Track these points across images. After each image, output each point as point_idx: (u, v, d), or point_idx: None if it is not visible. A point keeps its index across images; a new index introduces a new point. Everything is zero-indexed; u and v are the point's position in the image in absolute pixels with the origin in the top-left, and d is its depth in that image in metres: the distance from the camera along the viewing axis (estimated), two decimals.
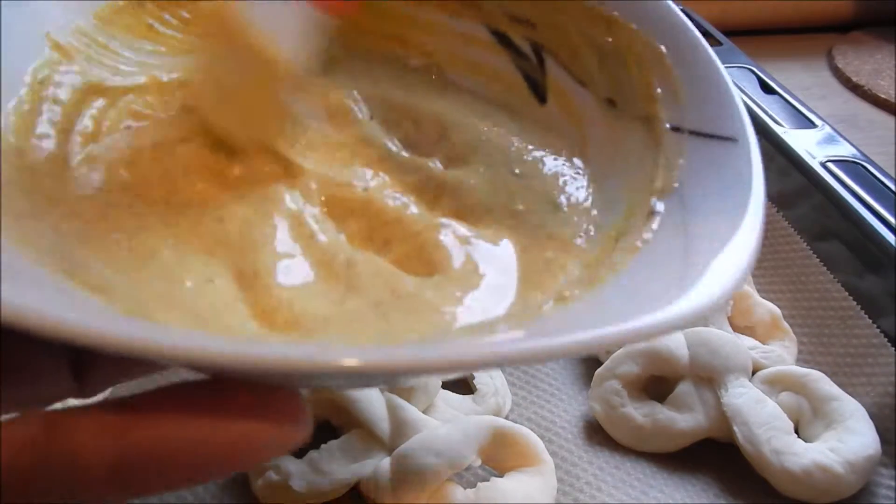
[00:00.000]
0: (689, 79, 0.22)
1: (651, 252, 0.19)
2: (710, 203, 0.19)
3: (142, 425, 0.14)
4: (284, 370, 0.13)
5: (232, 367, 0.13)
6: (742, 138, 0.20)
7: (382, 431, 0.30)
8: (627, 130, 0.23)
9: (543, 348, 0.14)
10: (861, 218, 0.39)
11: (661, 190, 0.21)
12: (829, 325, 0.38)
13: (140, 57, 0.25)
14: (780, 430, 0.31)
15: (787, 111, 0.51)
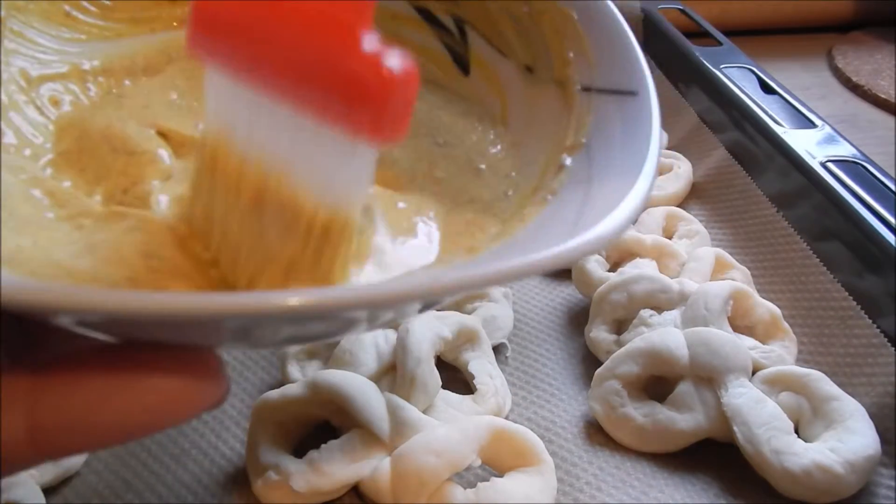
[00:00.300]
0: (598, 40, 0.23)
1: (556, 204, 0.21)
2: (612, 154, 0.21)
3: (56, 390, 0.14)
4: (218, 315, 0.13)
5: (154, 316, 0.13)
6: (642, 90, 0.21)
7: (382, 431, 0.30)
8: (544, 95, 0.25)
9: (402, 287, 0.14)
10: (861, 218, 0.39)
11: (571, 146, 0.22)
12: (829, 325, 0.38)
13: (58, 45, 0.25)
14: (780, 430, 0.31)
15: (787, 111, 0.51)
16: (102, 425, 0.14)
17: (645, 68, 0.22)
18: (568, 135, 0.22)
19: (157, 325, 0.14)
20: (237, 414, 0.35)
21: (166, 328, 0.15)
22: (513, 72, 0.26)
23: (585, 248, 0.16)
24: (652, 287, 0.37)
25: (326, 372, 0.32)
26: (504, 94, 0.26)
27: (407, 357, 0.33)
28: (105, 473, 0.33)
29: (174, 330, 0.15)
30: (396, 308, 0.17)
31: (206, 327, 0.15)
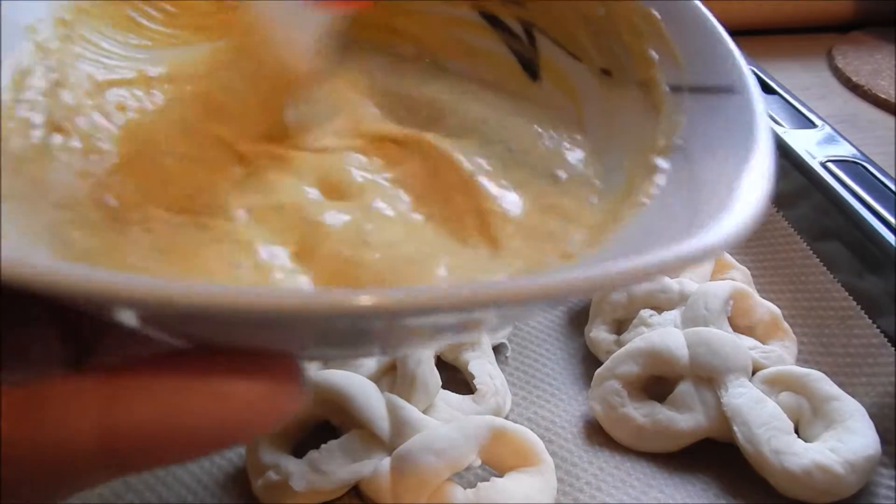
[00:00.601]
0: (684, 37, 0.22)
1: (657, 206, 0.19)
2: (714, 153, 0.19)
3: (130, 393, 0.13)
4: (300, 313, 0.12)
5: (242, 312, 0.12)
6: (741, 86, 0.20)
7: (382, 431, 0.30)
8: (625, 98, 0.23)
9: (545, 284, 0.13)
10: (861, 218, 0.39)
11: (663, 148, 0.21)
12: (829, 325, 0.38)
13: (125, 51, 0.25)
14: (780, 430, 0.31)
15: (787, 111, 0.51)
16: (180, 433, 0.13)
17: (741, 63, 0.21)
18: (658, 137, 0.21)
19: (250, 325, 0.13)
20: None
21: (259, 328, 0.14)
22: (587, 76, 0.25)
23: (721, 244, 0.15)
24: (652, 287, 0.37)
25: (326, 372, 0.32)
26: (578, 100, 0.25)
27: (407, 357, 0.33)
28: None
29: (265, 331, 0.14)
30: (539, 304, 0.16)
31: (303, 328, 0.14)
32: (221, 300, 0.12)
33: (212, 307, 0.12)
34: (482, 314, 0.15)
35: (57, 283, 0.12)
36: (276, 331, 0.14)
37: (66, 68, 0.22)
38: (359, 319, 0.13)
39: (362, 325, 0.14)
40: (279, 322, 0.13)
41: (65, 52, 0.23)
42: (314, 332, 0.15)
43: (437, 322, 0.15)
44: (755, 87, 0.20)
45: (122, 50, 0.25)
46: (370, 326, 0.14)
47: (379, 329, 0.15)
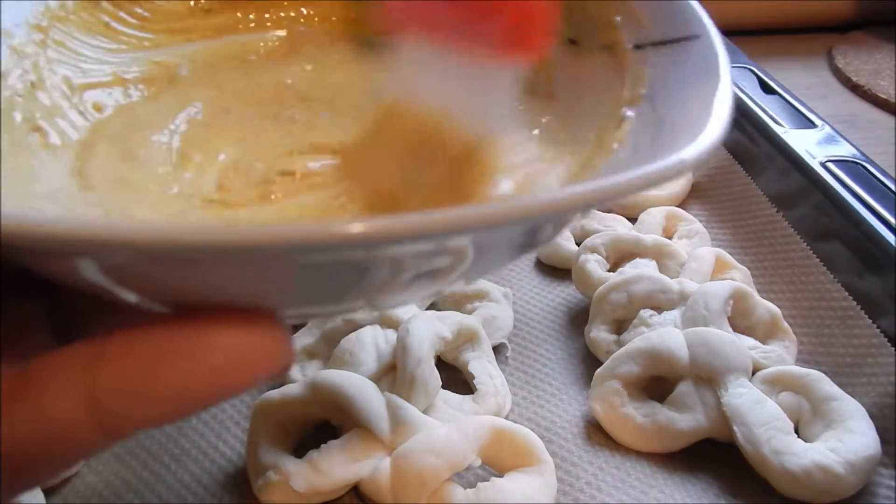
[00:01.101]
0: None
1: (627, 149, 0.20)
2: (678, 94, 0.20)
3: (113, 358, 0.13)
4: (290, 244, 0.12)
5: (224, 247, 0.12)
6: (702, 33, 0.21)
7: (382, 431, 0.30)
8: (591, 62, 0.24)
9: (530, 203, 0.14)
10: (861, 218, 0.39)
11: (630, 99, 0.22)
12: (829, 325, 0.38)
13: (98, 55, 0.25)
14: (780, 430, 0.31)
15: (787, 111, 0.51)
16: (168, 392, 0.13)
17: (701, 12, 0.22)
18: (624, 91, 0.22)
19: (213, 263, 0.13)
20: (237, 414, 0.35)
21: (226, 267, 0.13)
22: (555, 47, 0.26)
23: (678, 166, 0.15)
24: (652, 287, 0.37)
25: (326, 372, 0.32)
26: (548, 70, 0.26)
27: (407, 357, 0.33)
28: (105, 473, 0.33)
29: (235, 272, 0.14)
30: (561, 217, 0.17)
31: (273, 265, 0.14)
32: (182, 234, 0.12)
33: (172, 242, 0.12)
34: (456, 241, 0.14)
35: (21, 229, 0.12)
36: (247, 272, 0.14)
37: (42, 71, 0.23)
38: (325, 249, 0.13)
39: (330, 257, 0.14)
40: (241, 257, 0.13)
41: (40, 56, 0.23)
42: (284, 270, 0.14)
43: (413, 252, 0.14)
44: (715, 33, 0.21)
45: (98, 54, 0.25)
46: (340, 258, 0.14)
47: (352, 265, 0.14)
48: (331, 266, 0.14)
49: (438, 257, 0.15)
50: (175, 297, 0.14)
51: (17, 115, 0.21)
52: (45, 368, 0.13)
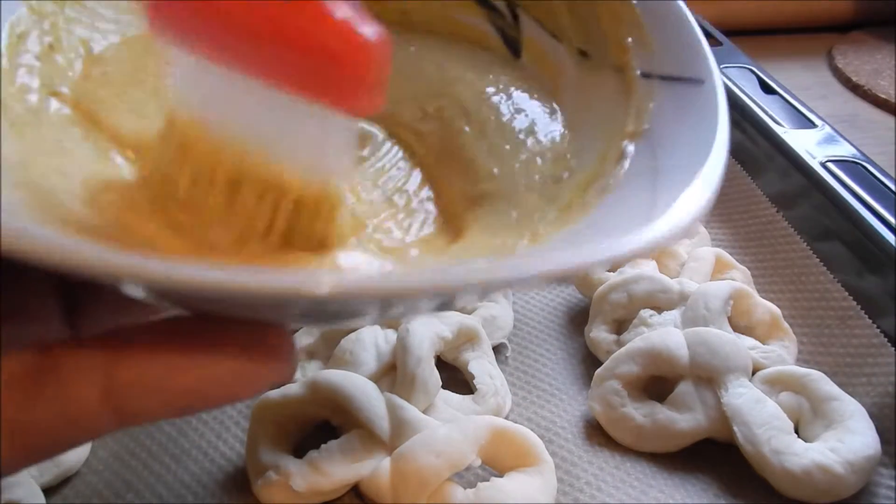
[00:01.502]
0: (658, 26, 0.23)
1: (621, 191, 0.20)
2: (677, 141, 0.20)
3: (130, 356, 0.15)
4: (283, 299, 0.13)
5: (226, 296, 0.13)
6: (708, 79, 0.21)
7: (382, 431, 0.30)
8: (600, 80, 0.24)
9: (508, 272, 0.14)
10: (861, 218, 0.39)
11: (632, 133, 0.22)
12: (829, 325, 0.38)
13: (117, 14, 0.25)
14: (780, 430, 0.31)
15: (787, 111, 0.51)
16: (179, 391, 0.15)
17: (710, 56, 0.22)
18: (628, 121, 0.22)
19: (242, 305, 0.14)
20: (237, 414, 0.35)
21: (250, 308, 0.15)
22: (565, 56, 0.26)
23: (668, 237, 0.16)
24: (652, 287, 0.37)
25: (326, 372, 0.32)
26: (556, 77, 0.26)
27: (407, 357, 0.33)
28: (105, 473, 0.33)
29: (254, 309, 0.15)
30: (513, 286, 0.17)
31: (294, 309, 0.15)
32: (205, 282, 0.13)
33: (201, 288, 0.13)
34: (456, 296, 0.15)
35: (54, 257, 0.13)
36: (259, 308, 0.15)
37: (60, 31, 0.22)
38: (320, 304, 0.14)
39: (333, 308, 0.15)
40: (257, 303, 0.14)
41: (58, 16, 0.23)
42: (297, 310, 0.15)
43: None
44: (720, 81, 0.21)
45: (113, 13, 0.25)
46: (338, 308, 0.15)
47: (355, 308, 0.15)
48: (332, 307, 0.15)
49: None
50: (190, 310, 0.16)
51: (35, 80, 0.21)
52: (71, 356, 0.15)
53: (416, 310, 0.17)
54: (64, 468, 0.32)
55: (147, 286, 0.14)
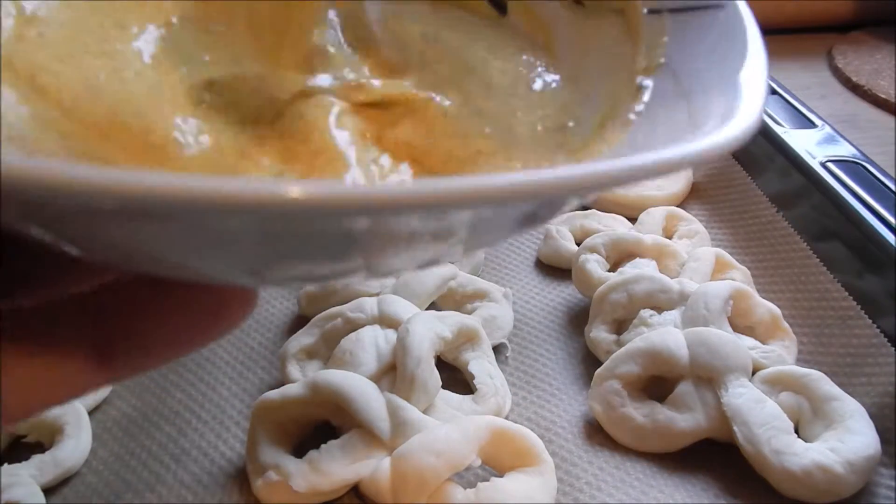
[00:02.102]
0: None
1: (649, 118, 0.19)
2: (705, 64, 0.19)
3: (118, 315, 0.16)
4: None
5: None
6: (728, 2, 0.20)
7: (382, 431, 0.30)
8: (600, 25, 0.23)
9: (514, 180, 0.12)
10: (861, 218, 0.39)
11: (646, 69, 0.21)
12: (829, 325, 0.38)
13: None
14: (780, 430, 0.31)
15: (787, 111, 0.51)
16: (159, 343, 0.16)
17: None
18: (639, 59, 0.21)
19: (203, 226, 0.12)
20: (237, 414, 0.35)
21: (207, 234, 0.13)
22: (556, 7, 0.24)
23: (736, 138, 0.14)
24: (652, 287, 0.37)
25: (326, 372, 0.32)
26: (549, 30, 0.25)
27: (407, 357, 0.33)
28: (105, 473, 0.33)
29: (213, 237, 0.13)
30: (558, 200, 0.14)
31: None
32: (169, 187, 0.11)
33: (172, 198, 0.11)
34: (456, 215, 0.13)
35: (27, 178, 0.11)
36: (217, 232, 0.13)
37: None
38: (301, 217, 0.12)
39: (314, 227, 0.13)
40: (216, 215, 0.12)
41: None
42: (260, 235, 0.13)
43: (408, 226, 0.13)
44: (743, 3, 0.19)
45: None
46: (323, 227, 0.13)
47: (342, 232, 0.13)
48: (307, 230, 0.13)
49: (433, 229, 0.14)
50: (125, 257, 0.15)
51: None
52: (58, 313, 0.15)
53: (408, 242, 0.15)
54: (64, 468, 0.32)
55: (124, 200, 0.11)
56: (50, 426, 0.33)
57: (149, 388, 0.37)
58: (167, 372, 0.38)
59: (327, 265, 0.15)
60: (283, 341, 0.37)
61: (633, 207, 0.47)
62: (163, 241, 0.13)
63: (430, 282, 0.38)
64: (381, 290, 0.38)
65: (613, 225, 0.45)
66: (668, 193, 0.48)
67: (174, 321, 0.16)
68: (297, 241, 0.14)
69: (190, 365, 0.38)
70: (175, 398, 0.36)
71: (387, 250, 0.15)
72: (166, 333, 0.16)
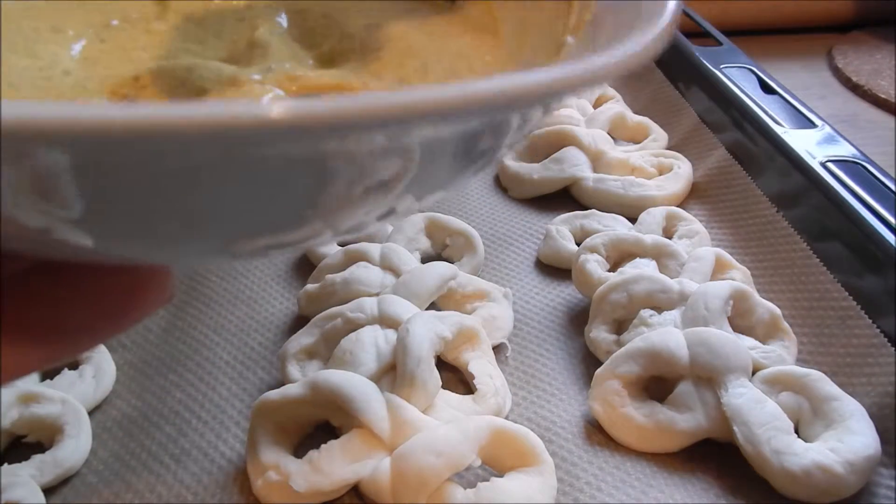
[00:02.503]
0: None
1: (581, 43, 0.20)
2: (619, 17, 0.19)
3: (26, 306, 0.16)
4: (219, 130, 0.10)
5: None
6: None
7: (382, 431, 0.30)
8: (542, 7, 0.24)
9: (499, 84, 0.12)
10: (861, 218, 0.39)
11: (574, 28, 0.22)
12: (829, 325, 0.38)
13: None
14: (780, 430, 0.31)
15: (787, 111, 0.51)
16: (72, 331, 0.17)
17: None
18: (570, 23, 0.22)
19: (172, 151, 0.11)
20: (237, 414, 0.35)
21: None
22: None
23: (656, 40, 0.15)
24: (652, 287, 0.37)
25: (326, 372, 0.32)
26: (495, 15, 0.26)
27: (407, 357, 0.33)
28: (105, 473, 0.33)
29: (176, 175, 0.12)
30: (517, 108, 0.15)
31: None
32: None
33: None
34: (410, 128, 0.13)
35: None
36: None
37: None
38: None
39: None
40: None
41: None
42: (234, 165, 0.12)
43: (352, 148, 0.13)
44: None
45: None
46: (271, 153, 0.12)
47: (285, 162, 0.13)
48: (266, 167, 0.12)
49: (378, 153, 0.13)
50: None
51: None
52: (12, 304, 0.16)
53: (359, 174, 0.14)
54: (64, 468, 0.32)
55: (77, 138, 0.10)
56: (50, 426, 0.33)
57: (149, 388, 0.37)
58: (167, 372, 0.38)
59: (279, 209, 0.14)
60: (283, 341, 0.37)
61: (633, 207, 0.47)
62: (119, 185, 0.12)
63: (431, 282, 0.38)
64: (381, 290, 0.38)
65: (613, 225, 0.45)
66: (668, 193, 0.48)
67: (84, 308, 0.17)
68: (257, 178, 0.13)
69: (190, 365, 0.38)
70: (175, 398, 0.36)
71: (336, 189, 0.14)
72: (78, 321, 0.17)
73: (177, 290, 0.18)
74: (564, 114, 0.55)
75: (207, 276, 0.45)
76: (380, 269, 0.40)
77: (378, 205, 0.16)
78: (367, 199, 0.15)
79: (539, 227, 0.48)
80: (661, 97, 0.60)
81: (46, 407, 0.33)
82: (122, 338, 0.40)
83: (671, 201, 0.48)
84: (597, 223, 0.45)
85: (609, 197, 0.48)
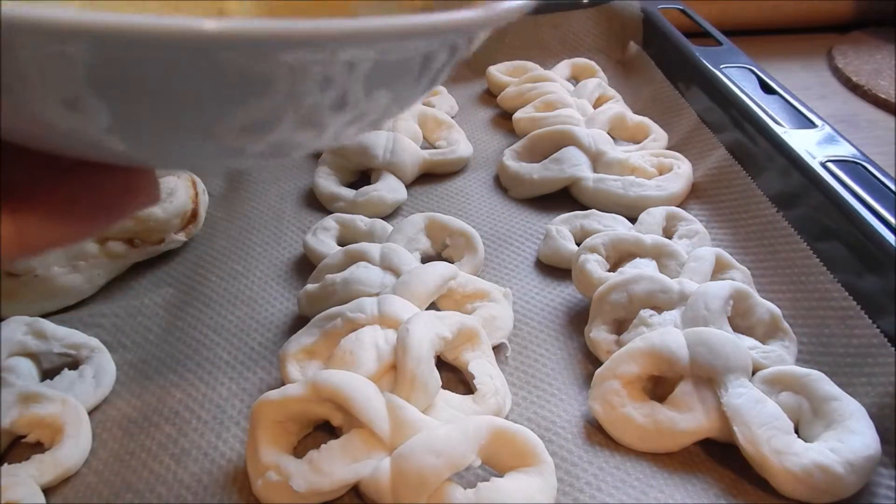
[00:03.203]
0: None
1: None
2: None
3: (34, 206, 0.19)
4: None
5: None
6: None
7: (382, 431, 0.30)
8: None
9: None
10: (861, 218, 0.39)
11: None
12: (829, 325, 0.38)
13: None
14: (780, 430, 0.31)
15: (787, 111, 0.51)
16: (76, 223, 0.20)
17: None
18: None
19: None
20: (237, 414, 0.35)
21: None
22: None
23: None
24: (652, 287, 0.37)
25: (326, 372, 0.32)
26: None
27: (407, 357, 0.33)
28: (105, 473, 0.33)
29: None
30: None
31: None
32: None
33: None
34: (350, 50, 0.15)
35: None
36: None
37: None
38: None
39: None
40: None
41: None
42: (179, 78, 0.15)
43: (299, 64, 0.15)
44: None
45: None
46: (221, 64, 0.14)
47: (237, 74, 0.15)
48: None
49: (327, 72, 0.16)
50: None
51: None
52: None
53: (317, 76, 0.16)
54: (64, 468, 0.32)
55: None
56: (50, 426, 0.33)
57: (149, 388, 0.37)
58: (167, 372, 0.38)
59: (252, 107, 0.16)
60: (283, 341, 0.37)
61: (633, 207, 0.47)
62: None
63: (431, 282, 0.38)
64: (381, 290, 0.38)
65: (613, 225, 0.45)
66: (668, 193, 0.48)
67: (88, 198, 0.20)
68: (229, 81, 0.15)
69: (190, 365, 0.38)
70: (175, 398, 0.36)
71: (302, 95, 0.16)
72: (83, 208, 0.20)
73: (160, 195, 0.22)
74: (564, 114, 0.56)
75: (207, 277, 0.45)
76: (380, 269, 0.40)
77: (335, 123, 0.18)
78: (324, 117, 0.17)
79: (539, 227, 0.48)
80: (661, 97, 0.60)
81: (46, 407, 0.33)
82: (122, 338, 0.40)
83: (671, 201, 0.48)
84: (597, 223, 0.45)
85: (609, 197, 0.49)
